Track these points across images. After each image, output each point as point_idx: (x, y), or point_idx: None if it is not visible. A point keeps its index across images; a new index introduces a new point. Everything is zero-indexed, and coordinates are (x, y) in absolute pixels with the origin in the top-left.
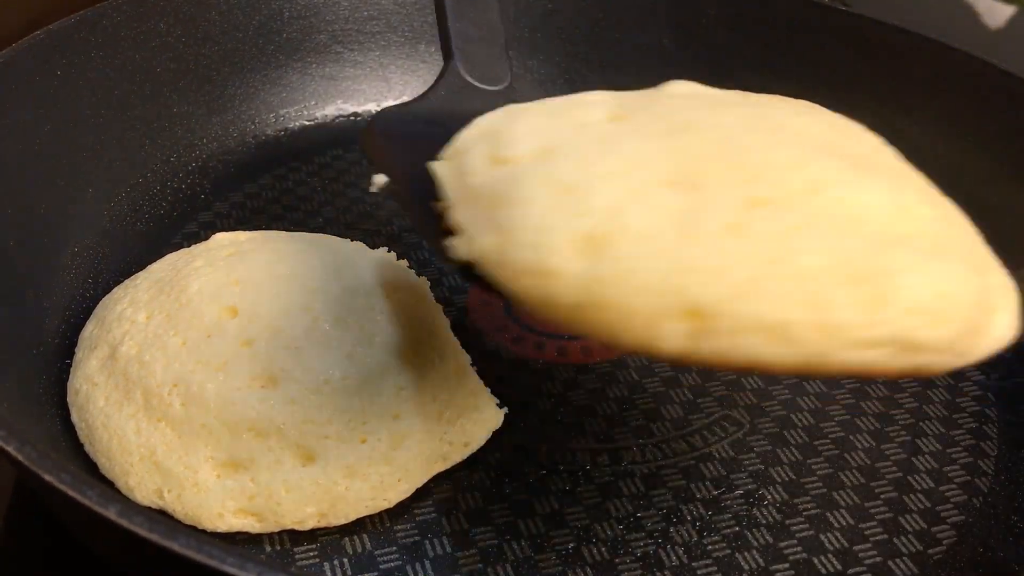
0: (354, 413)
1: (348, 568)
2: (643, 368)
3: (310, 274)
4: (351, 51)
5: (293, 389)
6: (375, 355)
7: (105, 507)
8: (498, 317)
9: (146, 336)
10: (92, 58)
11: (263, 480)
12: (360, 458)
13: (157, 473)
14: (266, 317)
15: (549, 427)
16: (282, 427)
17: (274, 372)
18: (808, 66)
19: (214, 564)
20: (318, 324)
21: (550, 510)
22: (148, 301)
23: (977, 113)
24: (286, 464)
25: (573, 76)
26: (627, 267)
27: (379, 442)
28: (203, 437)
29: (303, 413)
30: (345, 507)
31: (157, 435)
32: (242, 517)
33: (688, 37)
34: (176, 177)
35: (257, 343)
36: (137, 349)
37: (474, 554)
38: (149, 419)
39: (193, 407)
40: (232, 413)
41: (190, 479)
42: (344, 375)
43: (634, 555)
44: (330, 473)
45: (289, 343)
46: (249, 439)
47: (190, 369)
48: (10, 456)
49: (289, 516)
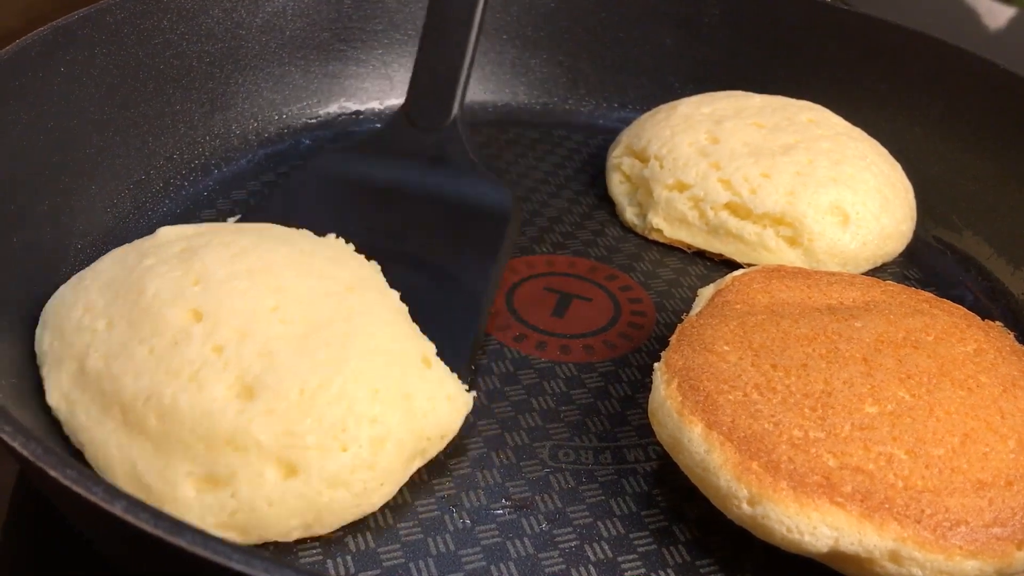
0: (334, 421)
1: (351, 565)
2: (646, 366)
3: (271, 270)
4: (354, 49)
5: (270, 399)
6: (349, 357)
7: (111, 503)
8: (501, 315)
9: (110, 346)
10: (95, 55)
11: (244, 495)
12: (342, 467)
13: (139, 489)
14: (232, 320)
15: (552, 425)
16: (261, 440)
17: (248, 381)
18: (809, 65)
19: (220, 561)
20: (288, 326)
21: (553, 508)
22: (104, 307)
23: (977, 113)
24: (267, 478)
25: (575, 76)
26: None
27: (360, 448)
28: (180, 452)
29: (282, 425)
30: (330, 517)
31: (136, 450)
32: (223, 531)
33: (690, 36)
34: (179, 175)
35: (227, 349)
36: (104, 361)
37: (477, 551)
38: (128, 434)
39: (168, 421)
40: (208, 427)
41: (169, 495)
42: (321, 382)
43: (637, 553)
44: (313, 484)
45: (260, 348)
46: (227, 453)
47: (160, 380)
48: (16, 452)
49: (273, 529)
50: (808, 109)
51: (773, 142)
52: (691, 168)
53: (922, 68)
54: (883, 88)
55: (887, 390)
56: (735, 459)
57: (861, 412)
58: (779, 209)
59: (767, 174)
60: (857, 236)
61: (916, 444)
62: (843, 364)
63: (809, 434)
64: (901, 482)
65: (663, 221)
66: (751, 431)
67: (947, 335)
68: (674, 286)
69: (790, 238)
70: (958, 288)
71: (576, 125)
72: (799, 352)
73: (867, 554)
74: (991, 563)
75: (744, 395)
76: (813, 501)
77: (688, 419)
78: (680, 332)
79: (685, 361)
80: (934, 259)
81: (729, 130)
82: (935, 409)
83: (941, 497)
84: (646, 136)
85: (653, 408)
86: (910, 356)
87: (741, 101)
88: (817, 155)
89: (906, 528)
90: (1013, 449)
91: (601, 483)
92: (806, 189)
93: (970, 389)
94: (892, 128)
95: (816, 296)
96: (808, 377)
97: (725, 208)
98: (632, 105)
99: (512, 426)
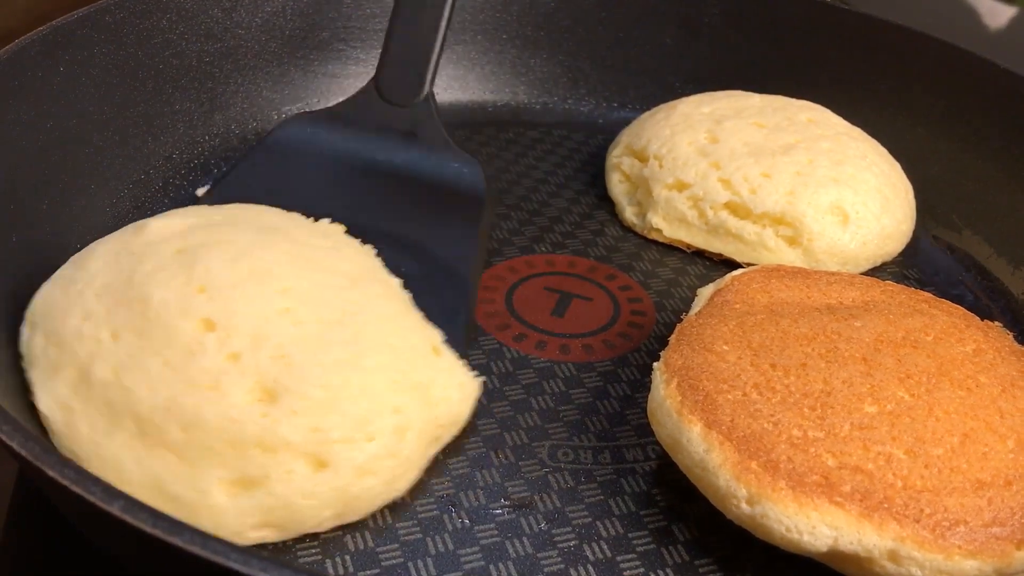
0: (359, 415)
1: (350, 565)
2: (645, 366)
3: (274, 270)
4: (353, 48)
5: (293, 401)
6: (365, 353)
7: (110, 503)
8: (500, 315)
9: (119, 358)
10: (95, 54)
11: (279, 492)
12: (370, 457)
13: (163, 500)
14: (245, 327)
15: (551, 425)
16: (290, 440)
17: (268, 385)
18: (809, 65)
19: (219, 560)
20: (301, 328)
21: (552, 507)
22: (106, 315)
23: (978, 113)
24: (299, 474)
25: (575, 75)
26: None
27: (385, 438)
28: (209, 459)
29: (308, 422)
30: (361, 504)
31: (159, 463)
32: (261, 530)
33: (690, 36)
34: (178, 175)
35: (244, 357)
36: (113, 373)
37: (476, 551)
38: (147, 447)
39: (194, 431)
40: (235, 433)
41: (202, 503)
42: (342, 380)
43: (636, 552)
44: (343, 475)
45: (276, 352)
46: (257, 455)
47: (180, 391)
48: (14, 452)
49: (309, 522)
50: (808, 109)
51: (773, 142)
52: (691, 168)
53: (922, 68)
54: (883, 88)
55: (886, 390)
56: (734, 458)
57: (860, 412)
58: (779, 209)
59: (767, 174)
60: (857, 236)
61: (915, 444)
62: (842, 364)
63: (808, 434)
64: (900, 482)
65: (663, 221)
66: (750, 430)
67: (946, 335)
68: (673, 286)
69: (790, 238)
70: (957, 288)
71: (576, 125)
72: (798, 352)
73: (866, 553)
74: (990, 563)
75: (743, 394)
76: (812, 500)
77: (687, 419)
78: (679, 332)
79: (684, 361)
80: (934, 259)
81: (729, 130)
82: (934, 409)
83: (940, 497)
84: (646, 136)
85: (652, 408)
86: (909, 356)
87: (741, 101)
88: (817, 155)
89: (905, 528)
90: (1012, 449)
91: (600, 483)
92: (806, 189)
93: (969, 389)
94: (892, 128)
95: (815, 296)
96: (807, 377)
97: (725, 208)
98: (632, 105)
99: (511, 426)
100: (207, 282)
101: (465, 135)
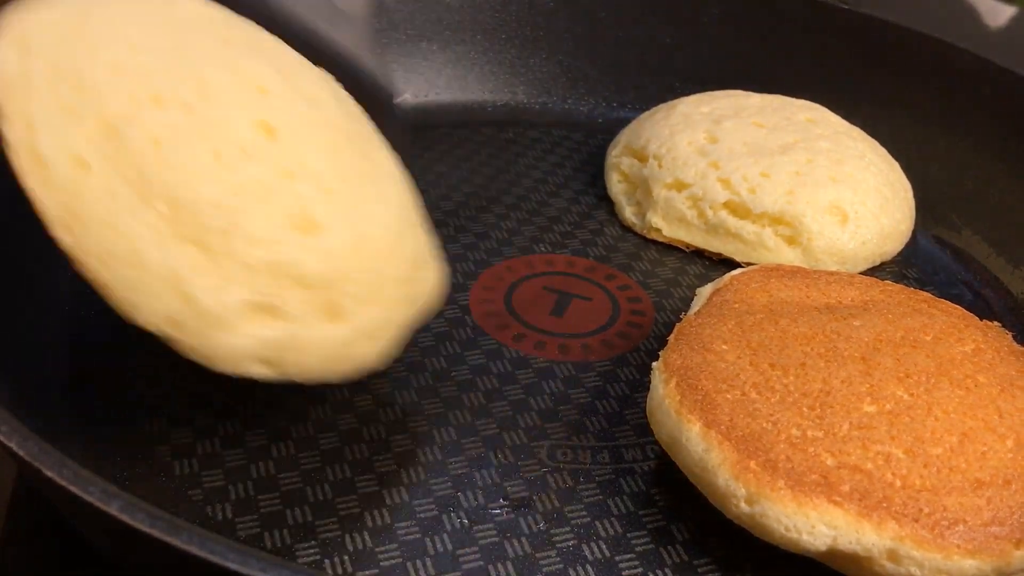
0: (395, 268)
1: (348, 565)
2: (644, 366)
3: (327, 101)
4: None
5: (334, 241)
6: (402, 204)
7: (108, 503)
8: (499, 315)
9: (165, 129)
10: None
11: (293, 330)
12: (377, 324)
13: (177, 299)
14: (306, 150)
15: (550, 425)
16: (329, 278)
17: (316, 217)
18: (809, 65)
19: (216, 560)
20: (354, 165)
21: (551, 507)
22: (148, 76)
23: (977, 112)
24: (318, 318)
25: (575, 75)
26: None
27: (402, 298)
28: (243, 275)
29: (343, 268)
30: (352, 363)
31: (186, 259)
32: (259, 365)
33: (690, 35)
34: None
35: (297, 180)
36: (155, 144)
37: (475, 551)
38: (177, 237)
39: (238, 240)
40: (281, 255)
41: (218, 314)
42: (384, 229)
43: (635, 552)
44: (351, 334)
45: (326, 185)
46: (288, 286)
47: (232, 193)
48: (12, 452)
49: (311, 370)
50: (807, 109)
51: (772, 141)
52: (690, 167)
53: (922, 68)
54: (883, 88)
55: (885, 389)
56: (733, 458)
57: (859, 411)
58: (778, 208)
59: (766, 173)
60: (856, 235)
61: (914, 443)
62: (841, 363)
63: (807, 433)
64: (899, 481)
65: (662, 220)
66: (749, 430)
67: (945, 335)
68: (673, 285)
69: (789, 237)
70: (957, 287)
71: (575, 124)
72: (797, 351)
73: (865, 553)
74: (989, 562)
75: (742, 394)
76: (811, 500)
77: (686, 418)
78: (678, 331)
79: (683, 360)
80: (933, 258)
81: (728, 129)
82: (933, 408)
83: (939, 496)
84: (645, 135)
85: (651, 407)
86: (908, 355)
87: (740, 100)
88: (816, 154)
89: (904, 527)
90: (1011, 448)
91: (599, 483)
92: (805, 188)
93: (968, 388)
94: (891, 128)
95: (815, 295)
96: (806, 376)
97: (724, 207)
98: (632, 104)
99: (510, 425)
100: (268, 85)
101: (465, 135)
